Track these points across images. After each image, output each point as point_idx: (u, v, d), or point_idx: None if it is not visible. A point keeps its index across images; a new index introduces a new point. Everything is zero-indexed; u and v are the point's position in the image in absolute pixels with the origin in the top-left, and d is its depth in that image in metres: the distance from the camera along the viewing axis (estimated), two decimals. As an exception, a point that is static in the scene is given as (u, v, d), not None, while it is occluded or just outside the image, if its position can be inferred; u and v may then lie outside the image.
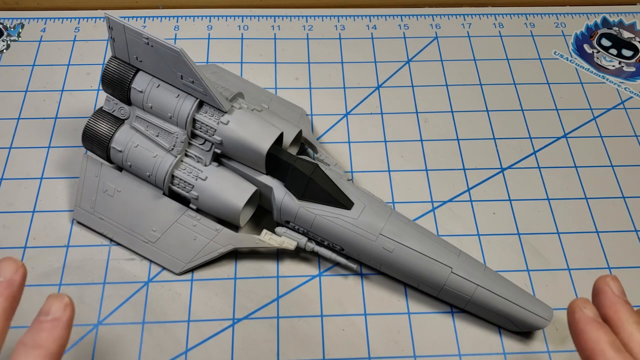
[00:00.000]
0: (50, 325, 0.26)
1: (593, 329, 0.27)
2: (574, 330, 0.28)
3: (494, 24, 0.55)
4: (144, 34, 0.36)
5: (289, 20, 0.54)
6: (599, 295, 0.29)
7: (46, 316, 0.26)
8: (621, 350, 0.26)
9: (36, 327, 0.26)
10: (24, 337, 0.26)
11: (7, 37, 0.52)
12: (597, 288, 0.29)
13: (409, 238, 0.37)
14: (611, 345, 0.26)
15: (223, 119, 0.37)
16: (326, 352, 0.37)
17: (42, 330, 0.26)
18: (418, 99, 0.49)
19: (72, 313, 0.27)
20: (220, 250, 0.39)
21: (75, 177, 0.43)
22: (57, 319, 0.26)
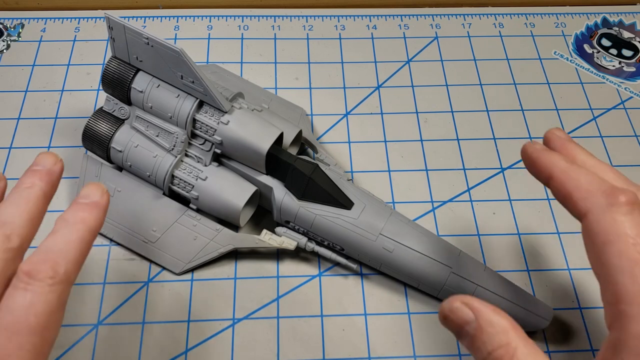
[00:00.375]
0: (89, 207, 0.28)
1: (545, 154, 0.30)
2: (528, 162, 0.30)
3: (494, 24, 0.55)
4: (144, 34, 0.36)
5: (289, 20, 0.54)
6: (549, 142, 0.31)
7: (85, 199, 0.28)
8: (574, 162, 0.29)
9: (75, 207, 0.28)
10: (64, 214, 0.28)
11: (7, 37, 0.52)
12: (546, 137, 0.32)
13: (409, 238, 0.37)
14: (563, 160, 0.29)
15: (223, 119, 0.37)
16: (326, 352, 0.37)
17: (81, 209, 0.28)
18: (418, 99, 0.49)
19: (108, 199, 0.29)
20: (220, 250, 0.39)
21: (75, 177, 0.43)
22: (95, 202, 0.28)
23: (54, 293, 0.25)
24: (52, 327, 0.25)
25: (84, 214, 0.28)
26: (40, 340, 0.24)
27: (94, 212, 0.28)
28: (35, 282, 0.24)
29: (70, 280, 0.26)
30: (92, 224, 0.28)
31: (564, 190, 0.28)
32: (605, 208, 0.26)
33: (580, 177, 0.28)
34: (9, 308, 0.24)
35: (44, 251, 0.26)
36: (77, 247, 0.26)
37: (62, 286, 0.25)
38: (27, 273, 0.25)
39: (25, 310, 0.24)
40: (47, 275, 0.25)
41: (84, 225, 0.27)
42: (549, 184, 0.29)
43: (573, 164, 0.29)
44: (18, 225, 0.26)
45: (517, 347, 0.25)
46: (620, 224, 0.25)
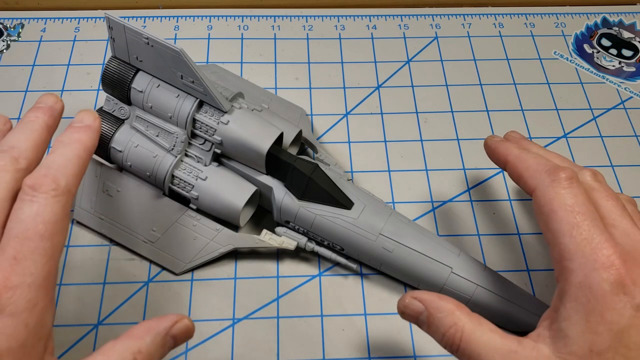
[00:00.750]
0: (82, 129, 0.31)
1: (502, 143, 0.36)
2: (489, 150, 0.37)
3: (494, 24, 0.55)
4: (144, 34, 0.36)
5: (289, 20, 0.54)
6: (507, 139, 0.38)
7: (79, 123, 0.31)
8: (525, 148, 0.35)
9: (70, 130, 0.31)
10: (60, 136, 0.30)
11: (7, 37, 0.52)
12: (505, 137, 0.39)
13: (409, 238, 0.37)
14: (517, 147, 0.35)
15: (223, 119, 0.37)
16: (326, 352, 0.37)
17: (76, 131, 0.30)
18: (418, 99, 0.49)
19: (100, 124, 0.32)
20: (220, 250, 0.39)
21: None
22: (88, 125, 0.31)
23: (58, 203, 0.27)
24: (60, 233, 0.27)
25: (78, 134, 0.30)
26: (51, 244, 0.26)
27: (88, 133, 0.31)
28: (39, 194, 0.27)
29: (72, 192, 0.28)
30: (87, 143, 0.30)
31: (516, 172, 0.34)
32: (549, 184, 0.31)
33: (529, 160, 0.33)
34: (18, 218, 0.26)
35: (45, 167, 0.28)
36: (75, 162, 0.29)
37: (65, 197, 0.27)
38: (32, 186, 0.27)
39: (33, 218, 0.26)
40: (50, 187, 0.27)
41: (79, 144, 0.30)
42: (505, 168, 0.35)
43: (524, 150, 0.34)
44: (25, 149, 0.29)
45: (464, 324, 0.29)
46: (561, 196, 0.30)
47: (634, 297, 0.27)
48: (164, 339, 0.29)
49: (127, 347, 0.28)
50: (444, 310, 0.30)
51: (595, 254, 0.28)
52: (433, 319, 0.30)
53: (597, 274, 0.27)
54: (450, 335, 0.30)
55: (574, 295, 0.28)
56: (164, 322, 0.29)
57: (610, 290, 0.27)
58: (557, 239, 0.29)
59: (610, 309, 0.27)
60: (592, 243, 0.28)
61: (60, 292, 0.38)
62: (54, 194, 0.27)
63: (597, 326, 0.27)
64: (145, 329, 0.29)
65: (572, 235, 0.29)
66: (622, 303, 0.27)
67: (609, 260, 0.28)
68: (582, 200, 0.30)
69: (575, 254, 0.28)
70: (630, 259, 0.28)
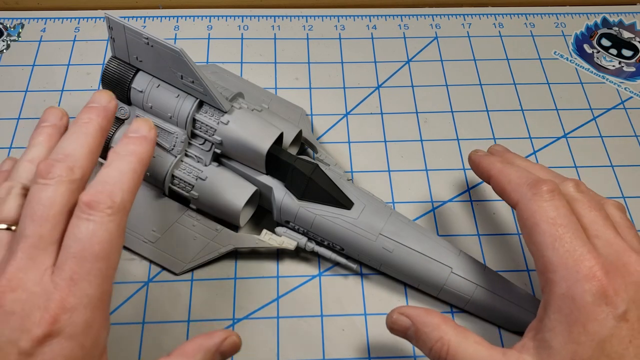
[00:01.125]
0: (138, 140, 0.30)
1: (485, 158, 0.36)
2: (473, 165, 0.37)
3: (494, 24, 0.55)
4: (144, 34, 0.36)
5: (289, 20, 0.54)
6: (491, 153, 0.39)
7: (135, 133, 0.30)
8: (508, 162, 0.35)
9: (126, 141, 0.30)
10: (116, 147, 0.30)
11: (7, 37, 0.52)
12: (489, 150, 0.39)
13: (409, 238, 0.37)
14: (500, 161, 0.35)
15: (223, 119, 0.37)
16: (326, 352, 0.37)
17: (131, 142, 0.30)
18: (418, 99, 0.49)
19: (156, 134, 0.31)
20: (220, 250, 0.39)
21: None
22: (144, 136, 0.30)
23: (113, 222, 0.27)
24: (115, 252, 0.27)
25: (134, 146, 0.30)
26: (106, 265, 0.26)
27: (144, 145, 0.30)
28: (95, 213, 0.26)
29: (127, 209, 0.28)
30: (142, 156, 0.29)
31: (499, 186, 0.34)
32: (531, 197, 0.31)
33: (511, 174, 0.33)
34: (75, 237, 0.26)
35: (101, 182, 0.27)
36: (131, 177, 0.28)
37: (120, 215, 0.27)
38: (88, 204, 0.26)
39: (90, 239, 0.26)
40: (106, 205, 0.27)
41: (135, 157, 0.29)
42: (489, 182, 0.35)
43: (507, 164, 0.35)
44: (79, 157, 0.28)
45: (449, 337, 0.30)
46: (543, 209, 0.30)
47: (616, 308, 0.27)
48: (214, 356, 0.29)
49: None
50: (430, 325, 0.31)
51: (578, 265, 0.28)
52: (420, 334, 0.31)
53: (580, 286, 0.28)
54: (437, 349, 0.30)
55: (557, 307, 0.29)
56: (214, 339, 0.30)
57: (593, 301, 0.27)
58: (541, 251, 0.30)
59: (593, 320, 0.27)
60: (575, 255, 0.29)
61: (60, 292, 0.38)
62: (109, 212, 0.27)
63: (579, 337, 0.27)
64: (197, 347, 0.29)
65: (555, 248, 0.29)
66: (605, 314, 0.27)
67: (591, 272, 0.28)
68: (563, 212, 0.30)
69: (558, 266, 0.29)
70: (612, 270, 0.28)
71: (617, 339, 0.27)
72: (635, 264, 0.29)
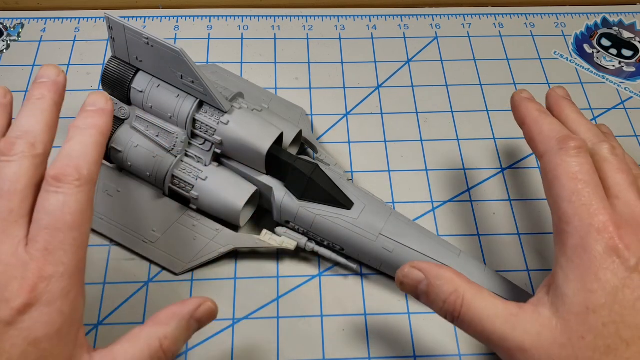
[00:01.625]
0: (97, 113, 0.31)
1: (524, 103, 0.35)
2: (512, 107, 0.37)
3: (494, 24, 0.55)
4: (144, 34, 0.36)
5: (289, 20, 0.54)
6: (548, 97, 0.38)
7: (92, 106, 0.31)
8: (545, 112, 0.35)
9: (85, 114, 0.31)
10: (75, 122, 0.30)
11: (7, 37, 0.52)
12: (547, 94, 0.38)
13: (409, 238, 0.37)
14: (537, 110, 0.34)
15: (223, 119, 0.37)
16: (326, 352, 0.37)
17: (90, 116, 0.30)
18: (418, 99, 0.49)
19: (113, 106, 0.32)
20: (220, 250, 0.39)
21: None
22: (102, 109, 0.31)
23: (82, 193, 0.28)
24: (86, 222, 0.28)
25: (93, 119, 0.30)
26: (79, 234, 0.27)
27: (103, 117, 0.31)
28: (64, 185, 0.27)
29: (94, 180, 0.29)
30: (102, 128, 0.30)
31: (530, 135, 0.34)
32: (557, 151, 0.31)
33: (544, 125, 0.33)
34: (46, 210, 0.27)
35: (66, 156, 0.28)
36: (94, 149, 0.29)
37: (89, 186, 0.28)
38: (56, 178, 0.27)
39: (61, 210, 0.27)
40: (74, 177, 0.27)
41: (95, 130, 0.30)
42: (522, 128, 0.35)
43: (543, 114, 0.34)
44: (39, 133, 0.29)
45: (464, 290, 0.30)
46: (567, 164, 0.31)
47: (627, 260, 0.28)
48: (189, 323, 0.30)
49: (153, 333, 0.29)
50: (443, 278, 0.30)
51: (592, 218, 0.29)
52: (433, 287, 0.31)
53: (592, 237, 0.28)
54: (452, 302, 0.30)
55: (570, 257, 0.29)
56: (187, 306, 0.30)
57: (604, 252, 0.28)
58: (558, 203, 0.30)
59: (604, 269, 0.28)
60: (590, 209, 0.29)
61: (60, 292, 0.38)
62: (77, 183, 0.27)
63: (591, 285, 0.28)
64: (170, 315, 0.30)
65: (572, 201, 0.30)
66: (615, 265, 0.28)
67: (604, 226, 0.28)
68: (586, 169, 0.30)
69: (572, 218, 0.29)
70: (625, 226, 0.29)
71: (630, 289, 0.27)
72: None
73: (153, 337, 0.29)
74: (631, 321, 0.27)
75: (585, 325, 0.27)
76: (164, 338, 0.29)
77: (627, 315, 0.27)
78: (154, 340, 0.29)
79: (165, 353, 0.29)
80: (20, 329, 0.25)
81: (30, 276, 0.26)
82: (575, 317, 0.28)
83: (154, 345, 0.29)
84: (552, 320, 0.28)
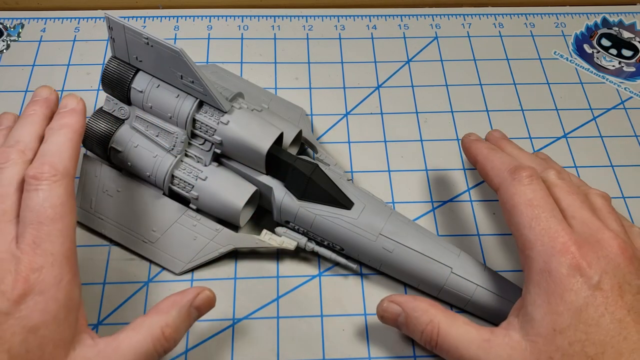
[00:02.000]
0: (69, 113, 0.34)
1: (474, 143, 0.39)
2: (463, 148, 0.40)
3: (494, 24, 0.55)
4: (144, 34, 0.36)
5: (289, 20, 0.54)
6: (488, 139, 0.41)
7: (64, 108, 0.34)
8: (494, 149, 0.37)
9: (58, 117, 0.34)
10: (50, 125, 0.33)
11: (7, 37, 0.52)
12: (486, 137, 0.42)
13: (409, 238, 0.37)
14: (487, 147, 0.37)
15: (223, 119, 0.37)
16: (326, 352, 0.37)
17: (62, 117, 0.33)
18: (418, 99, 0.49)
19: (84, 105, 0.35)
20: (220, 250, 0.39)
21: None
22: (73, 109, 0.34)
23: (61, 186, 0.30)
24: (69, 213, 0.30)
25: (65, 119, 0.33)
26: (63, 225, 0.29)
27: (74, 116, 0.33)
28: (42, 182, 0.30)
29: (71, 174, 0.31)
30: (75, 126, 0.33)
31: (483, 170, 0.36)
32: (511, 181, 0.34)
33: (495, 160, 0.36)
34: (28, 207, 0.29)
35: (42, 156, 0.31)
36: (68, 146, 0.32)
37: (66, 180, 0.30)
38: (34, 177, 0.30)
39: (42, 204, 0.29)
40: (50, 173, 0.30)
41: (68, 128, 0.33)
42: (476, 166, 0.38)
43: (492, 150, 0.37)
44: (29, 142, 0.32)
45: (439, 320, 0.32)
46: (522, 192, 0.33)
47: (590, 278, 0.29)
48: (189, 310, 0.32)
49: (155, 321, 0.31)
50: (419, 310, 0.33)
51: (553, 241, 0.30)
52: (410, 319, 0.33)
53: (555, 259, 0.30)
54: (428, 332, 0.32)
55: (536, 282, 0.31)
56: (186, 296, 0.32)
57: (567, 273, 0.29)
58: (519, 230, 0.32)
59: (568, 290, 0.29)
60: (550, 232, 0.31)
61: (60, 292, 0.38)
62: (55, 178, 0.30)
63: (558, 307, 0.29)
64: (170, 304, 0.32)
65: (532, 227, 0.31)
66: (579, 284, 0.29)
67: (564, 247, 0.30)
68: (541, 195, 0.32)
69: (534, 243, 0.31)
70: (586, 245, 0.30)
71: (593, 307, 0.29)
72: (609, 240, 0.31)
73: (155, 325, 0.31)
74: (595, 338, 0.28)
75: (553, 346, 0.29)
76: (165, 326, 0.31)
77: (592, 333, 0.28)
78: (155, 329, 0.30)
79: (167, 340, 0.31)
80: (18, 318, 0.27)
81: (23, 269, 0.28)
82: (543, 338, 0.29)
83: (156, 332, 0.30)
84: (521, 342, 0.30)
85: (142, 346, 0.30)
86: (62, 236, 0.29)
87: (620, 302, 0.29)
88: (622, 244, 0.31)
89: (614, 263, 0.30)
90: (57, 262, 0.29)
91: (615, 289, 0.29)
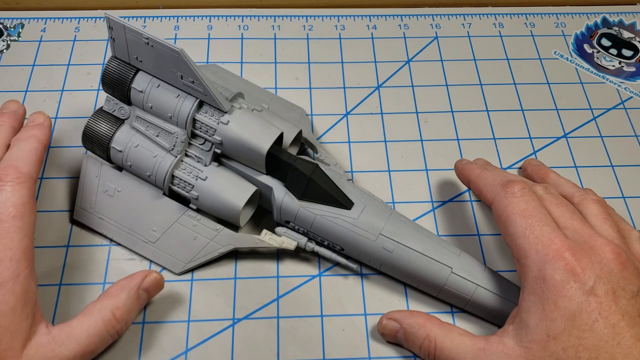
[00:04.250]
0: (36, 127, 0.37)
1: (467, 165, 0.40)
2: (457, 172, 0.41)
3: (494, 24, 0.55)
4: (144, 34, 0.36)
5: (289, 20, 0.54)
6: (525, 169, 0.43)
7: (32, 122, 0.37)
8: (485, 168, 0.39)
9: (24, 129, 0.37)
10: (17, 135, 0.36)
11: (7, 37, 0.52)
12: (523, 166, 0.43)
13: (409, 238, 0.37)
14: (478, 168, 0.39)
15: (223, 119, 0.37)
16: (326, 352, 0.37)
17: (29, 129, 0.36)
18: (418, 99, 0.49)
19: (51, 122, 0.38)
20: (220, 250, 0.39)
21: (75, 177, 0.43)
22: (40, 124, 0.37)
23: (24, 188, 0.32)
24: (29, 213, 0.32)
25: (32, 131, 0.36)
26: (23, 223, 0.31)
27: (40, 129, 0.36)
28: (6, 183, 0.32)
29: (34, 178, 0.33)
30: (40, 137, 0.36)
31: (477, 188, 0.38)
32: (504, 195, 0.35)
33: (487, 177, 0.37)
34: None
35: (7, 160, 0.34)
36: (33, 153, 0.35)
37: (29, 182, 0.33)
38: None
39: (4, 203, 0.31)
40: (14, 175, 0.32)
41: (34, 139, 0.35)
42: (469, 186, 0.39)
43: (484, 169, 0.38)
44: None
45: (435, 334, 0.33)
46: (515, 204, 0.34)
47: (584, 284, 0.30)
48: (137, 293, 0.34)
49: (105, 305, 0.33)
50: (415, 325, 0.34)
51: (547, 248, 0.31)
52: (408, 335, 0.34)
53: (549, 266, 0.30)
54: (426, 346, 0.33)
55: (531, 289, 0.31)
56: (134, 279, 0.35)
57: (561, 279, 0.30)
58: (514, 240, 0.33)
59: (562, 296, 0.30)
60: (543, 240, 0.31)
61: (60, 292, 0.38)
62: (18, 180, 0.32)
63: (551, 313, 0.30)
64: (119, 287, 0.34)
65: (526, 236, 0.32)
66: (573, 290, 0.30)
67: (558, 253, 0.31)
68: (533, 205, 0.33)
69: (529, 252, 0.32)
70: (580, 251, 0.31)
71: (587, 313, 0.29)
72: (602, 245, 0.31)
73: (105, 308, 0.33)
74: (589, 343, 0.29)
75: (547, 351, 0.30)
76: (115, 308, 0.33)
77: (585, 338, 0.29)
78: (106, 312, 0.33)
79: (117, 321, 0.33)
80: None
81: None
82: (537, 345, 0.30)
83: (107, 315, 0.33)
84: (515, 349, 0.31)
85: (94, 329, 0.32)
86: (21, 233, 0.31)
87: (614, 307, 0.29)
88: (615, 249, 0.31)
89: (607, 268, 0.30)
90: (15, 257, 0.30)
91: (609, 294, 0.29)
